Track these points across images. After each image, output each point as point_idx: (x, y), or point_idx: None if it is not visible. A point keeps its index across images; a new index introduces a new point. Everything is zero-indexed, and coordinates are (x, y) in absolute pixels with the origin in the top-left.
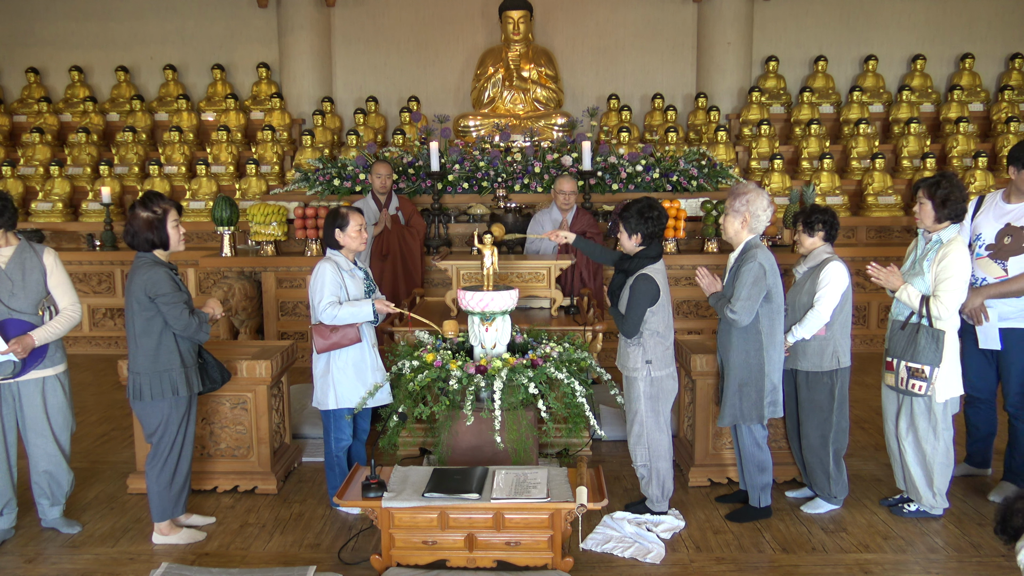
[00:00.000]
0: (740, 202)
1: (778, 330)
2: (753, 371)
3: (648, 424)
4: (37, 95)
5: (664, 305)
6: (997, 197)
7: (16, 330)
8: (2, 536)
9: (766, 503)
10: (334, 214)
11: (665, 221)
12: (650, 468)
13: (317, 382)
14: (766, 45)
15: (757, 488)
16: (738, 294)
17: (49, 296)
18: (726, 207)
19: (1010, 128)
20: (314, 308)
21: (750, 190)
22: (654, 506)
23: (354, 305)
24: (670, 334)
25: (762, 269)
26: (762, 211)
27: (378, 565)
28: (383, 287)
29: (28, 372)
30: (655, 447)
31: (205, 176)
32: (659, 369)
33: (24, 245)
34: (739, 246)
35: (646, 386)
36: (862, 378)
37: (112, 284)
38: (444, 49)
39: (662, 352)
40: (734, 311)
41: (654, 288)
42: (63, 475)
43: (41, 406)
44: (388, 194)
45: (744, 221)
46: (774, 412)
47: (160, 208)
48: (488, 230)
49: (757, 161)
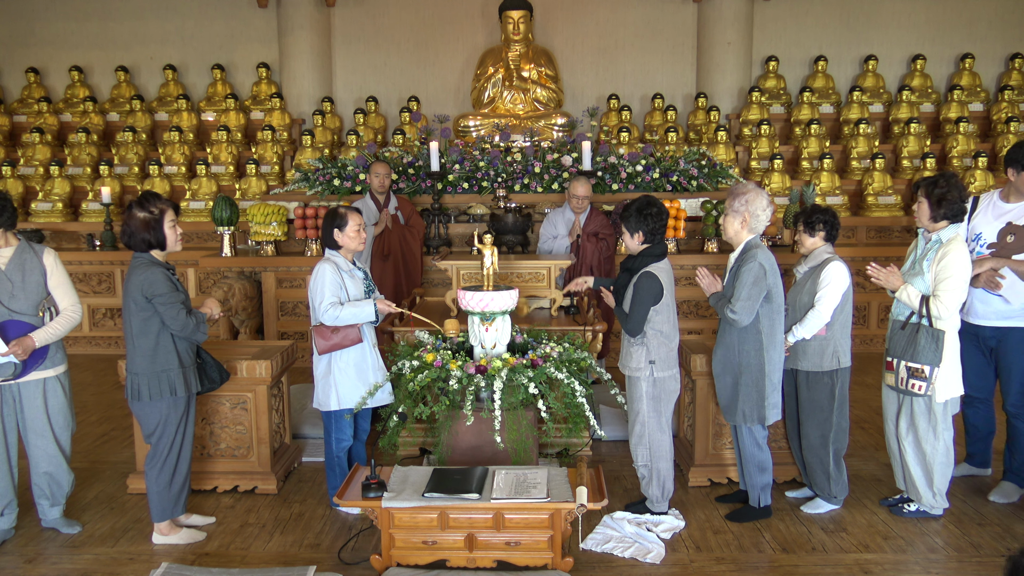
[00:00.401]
0: (740, 202)
1: (778, 330)
2: (754, 371)
3: (650, 425)
4: (37, 95)
5: (668, 304)
6: (994, 197)
7: (16, 331)
8: (2, 536)
9: (766, 503)
10: (332, 214)
11: (666, 218)
12: (651, 468)
13: (319, 383)
14: (766, 45)
15: (757, 488)
16: (738, 294)
17: (49, 297)
18: (726, 207)
19: (1010, 128)
20: (315, 309)
21: (749, 190)
22: (654, 506)
23: (355, 306)
24: (675, 335)
25: (762, 269)
26: (762, 211)
27: (378, 565)
28: (384, 287)
29: (29, 373)
30: (656, 448)
31: (205, 176)
32: (662, 370)
33: (24, 246)
34: (739, 246)
35: (649, 386)
36: (862, 378)
37: (112, 284)
38: (444, 49)
39: (666, 353)
40: (734, 311)
41: (657, 286)
42: (63, 476)
43: (42, 407)
44: (387, 194)
45: (744, 221)
46: (775, 415)
47: (157, 208)
48: (487, 231)
49: (757, 161)
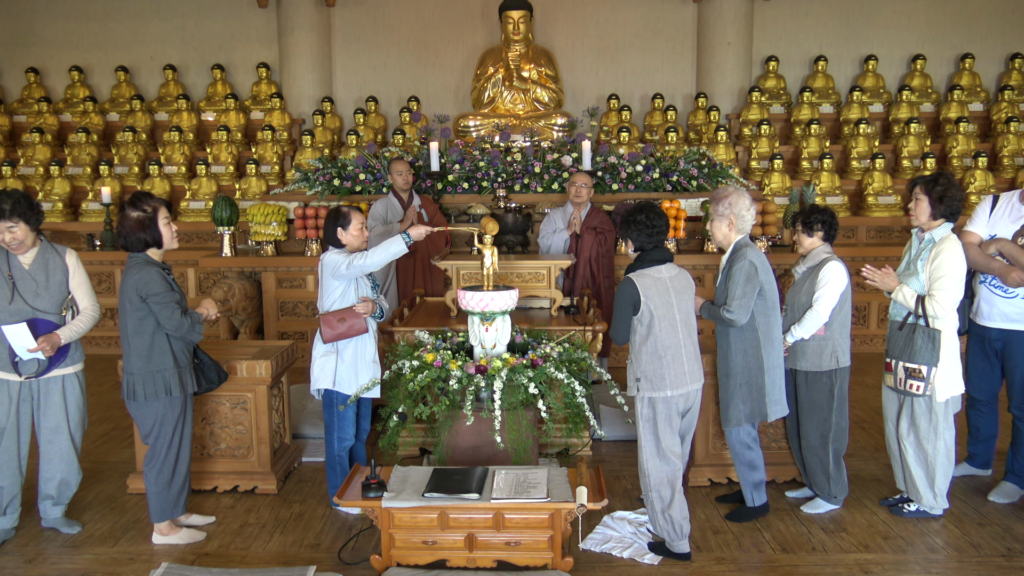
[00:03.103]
0: (723, 206)
1: (774, 327)
2: (752, 371)
3: (645, 450)
4: (37, 95)
5: (661, 316)
6: (1014, 198)
7: (42, 329)
8: (3, 536)
9: (761, 501)
10: (336, 213)
11: (660, 223)
12: (648, 500)
13: (316, 363)
14: (766, 45)
15: (750, 486)
16: (732, 293)
17: (71, 296)
18: (710, 213)
19: (1010, 128)
20: (339, 276)
21: (730, 192)
22: (672, 547)
23: (383, 246)
24: (673, 351)
25: (753, 266)
26: (746, 210)
27: (378, 565)
28: (409, 283)
29: (52, 370)
30: (653, 475)
31: (205, 176)
32: (654, 389)
33: (46, 246)
34: (729, 248)
35: (642, 407)
36: (862, 378)
37: (112, 284)
38: (444, 49)
39: (655, 370)
40: (730, 311)
41: (630, 293)
42: (73, 475)
43: (61, 403)
44: (410, 191)
45: (730, 223)
46: (779, 411)
47: (150, 207)
48: (481, 227)
49: (757, 161)
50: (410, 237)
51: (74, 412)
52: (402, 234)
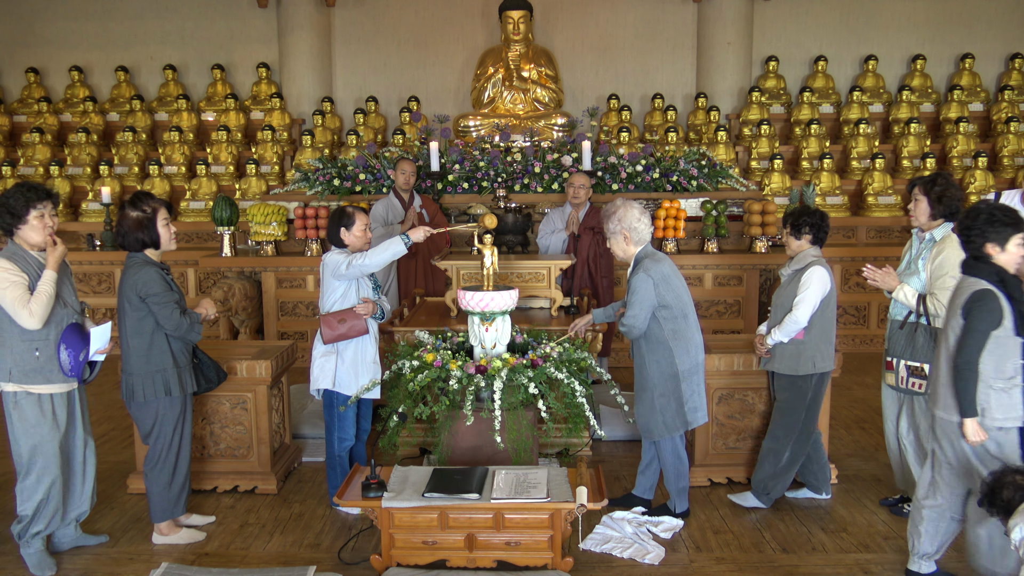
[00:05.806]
0: (613, 223)
1: (687, 333)
2: (668, 381)
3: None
4: (37, 95)
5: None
6: (1016, 198)
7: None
8: (72, 543)
9: (683, 508)
10: (339, 213)
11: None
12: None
13: (316, 362)
14: (766, 45)
15: (674, 493)
16: (629, 303)
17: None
18: (606, 233)
19: (1010, 128)
20: (340, 276)
21: (617, 207)
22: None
23: (382, 247)
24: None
25: (648, 278)
26: (637, 221)
27: (378, 565)
28: (410, 284)
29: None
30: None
31: (205, 176)
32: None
33: None
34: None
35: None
36: (862, 378)
37: (112, 284)
38: (444, 49)
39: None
40: (623, 323)
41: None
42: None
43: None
44: (411, 192)
45: (626, 238)
46: (701, 418)
47: (149, 207)
48: (481, 225)
49: (757, 161)
50: (410, 239)
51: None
52: (401, 235)
